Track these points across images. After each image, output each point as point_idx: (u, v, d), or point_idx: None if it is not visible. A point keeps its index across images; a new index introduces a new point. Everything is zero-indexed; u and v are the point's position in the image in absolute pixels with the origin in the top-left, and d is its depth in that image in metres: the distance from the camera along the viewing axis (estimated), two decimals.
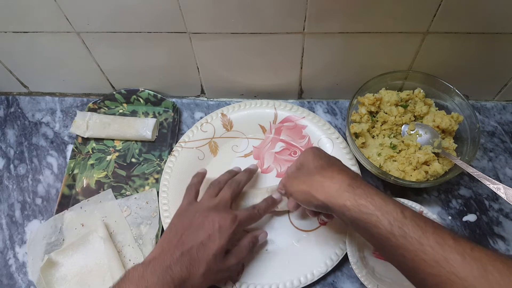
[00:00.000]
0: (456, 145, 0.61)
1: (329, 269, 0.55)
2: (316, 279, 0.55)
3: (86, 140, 0.70)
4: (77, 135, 0.69)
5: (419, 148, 0.60)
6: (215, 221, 0.49)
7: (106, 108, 0.74)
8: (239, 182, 0.57)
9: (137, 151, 0.69)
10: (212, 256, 0.48)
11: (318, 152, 0.51)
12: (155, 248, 0.49)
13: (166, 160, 0.65)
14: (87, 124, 0.69)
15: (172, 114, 0.73)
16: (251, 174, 0.61)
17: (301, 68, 0.66)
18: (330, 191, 0.44)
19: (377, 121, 0.64)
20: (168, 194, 0.62)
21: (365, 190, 0.43)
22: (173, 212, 0.55)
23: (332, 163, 0.50)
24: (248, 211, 0.54)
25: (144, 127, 0.68)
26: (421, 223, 0.39)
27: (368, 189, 0.44)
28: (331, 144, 0.65)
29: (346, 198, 0.43)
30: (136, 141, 0.70)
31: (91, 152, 0.69)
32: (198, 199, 0.56)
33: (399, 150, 0.61)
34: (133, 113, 0.73)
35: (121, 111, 0.74)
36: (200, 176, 0.59)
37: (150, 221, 0.61)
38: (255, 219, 0.55)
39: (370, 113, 0.64)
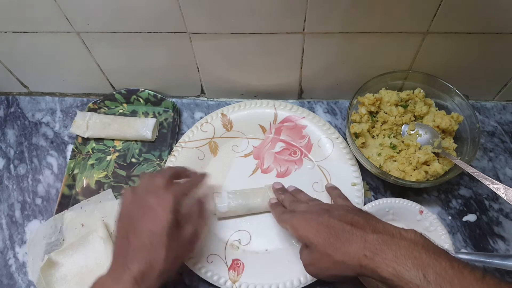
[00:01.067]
0: (456, 145, 0.61)
1: None
2: (315, 279, 0.55)
3: (86, 140, 0.70)
4: (77, 135, 0.69)
5: (419, 148, 0.60)
6: (151, 203, 0.47)
7: (106, 108, 0.74)
8: (174, 169, 0.55)
9: (137, 151, 0.69)
10: (166, 237, 0.45)
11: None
12: (112, 259, 0.47)
13: (166, 160, 0.65)
14: (87, 124, 0.69)
15: (172, 114, 0.73)
16: (192, 173, 0.57)
17: (301, 68, 0.66)
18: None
19: (377, 121, 0.64)
20: None
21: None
22: None
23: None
24: (181, 181, 0.53)
25: (144, 127, 0.68)
26: (447, 286, 0.36)
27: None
28: (331, 144, 0.65)
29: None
30: (136, 141, 0.70)
31: (91, 152, 0.69)
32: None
33: (399, 150, 0.61)
34: (133, 113, 0.73)
35: (121, 111, 0.74)
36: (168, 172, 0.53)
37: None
38: (192, 184, 0.54)
39: (370, 113, 0.64)
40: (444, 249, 0.41)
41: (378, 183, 0.64)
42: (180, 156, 0.65)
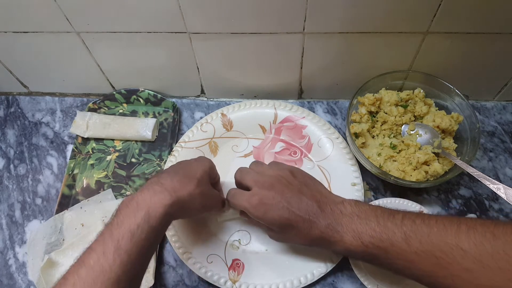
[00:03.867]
0: (456, 145, 0.61)
1: (329, 269, 0.55)
2: (316, 279, 0.55)
3: (86, 140, 0.70)
4: (77, 135, 0.69)
5: (419, 148, 0.60)
6: (194, 162, 0.53)
7: (106, 108, 0.74)
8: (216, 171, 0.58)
9: (137, 151, 0.69)
10: (199, 177, 0.49)
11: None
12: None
13: (166, 160, 0.65)
14: (87, 124, 0.69)
15: (172, 114, 0.73)
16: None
17: (301, 68, 0.66)
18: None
19: (377, 121, 0.64)
20: None
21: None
22: None
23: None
24: None
25: (144, 127, 0.68)
26: (379, 243, 0.44)
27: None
28: (331, 144, 0.65)
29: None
30: (136, 141, 0.70)
31: (91, 152, 0.69)
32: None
33: (399, 150, 0.61)
34: (133, 113, 0.73)
35: (121, 111, 0.74)
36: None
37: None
38: (218, 175, 0.58)
39: (370, 113, 0.64)
40: (376, 206, 0.48)
41: (378, 183, 0.64)
42: (180, 156, 0.65)
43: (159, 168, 0.67)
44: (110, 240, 0.40)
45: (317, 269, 0.56)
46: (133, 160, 0.68)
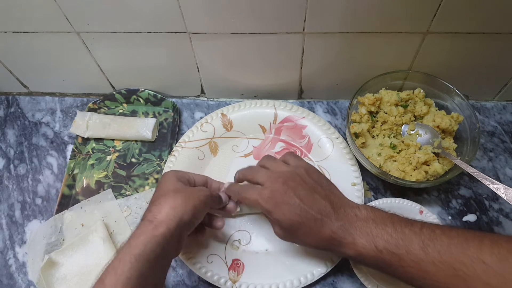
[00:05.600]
0: (456, 145, 0.61)
1: (329, 269, 0.55)
2: (316, 279, 0.55)
3: (86, 140, 0.70)
4: (77, 135, 0.69)
5: (419, 148, 0.60)
6: (161, 181, 0.51)
7: (106, 108, 0.74)
8: (194, 174, 0.56)
9: (137, 151, 0.69)
10: (172, 187, 0.48)
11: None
12: None
13: (166, 160, 0.65)
14: (87, 124, 0.69)
15: (172, 114, 0.73)
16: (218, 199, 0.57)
17: (301, 68, 0.66)
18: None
19: (377, 121, 0.64)
20: None
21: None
22: None
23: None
24: None
25: (144, 127, 0.68)
26: (395, 249, 0.42)
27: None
28: (331, 144, 0.65)
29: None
30: (136, 141, 0.70)
31: (91, 152, 0.69)
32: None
33: (399, 150, 0.61)
34: (133, 113, 0.73)
35: (121, 111, 0.74)
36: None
37: None
38: (200, 177, 0.55)
39: (370, 113, 0.64)
40: (393, 214, 0.46)
41: (378, 183, 0.64)
42: (180, 156, 0.65)
43: (159, 168, 0.67)
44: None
45: (317, 269, 0.55)
46: (133, 160, 0.68)
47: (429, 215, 0.57)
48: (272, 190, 0.48)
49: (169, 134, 0.70)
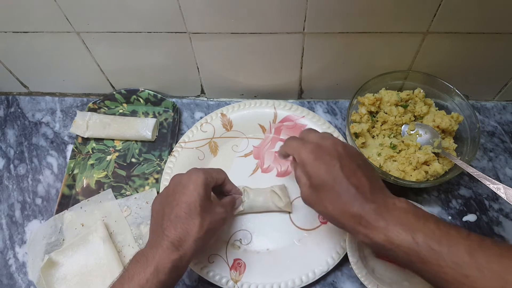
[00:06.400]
0: (456, 145, 0.61)
1: (331, 267, 0.56)
2: (317, 277, 0.55)
3: (86, 140, 0.70)
4: (77, 135, 0.69)
5: (419, 148, 0.60)
6: (183, 181, 0.50)
7: (106, 108, 0.74)
8: (216, 171, 0.56)
9: (137, 151, 0.69)
10: (200, 207, 0.48)
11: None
12: (149, 237, 0.50)
13: (166, 160, 0.65)
14: (87, 124, 0.69)
15: (172, 114, 0.73)
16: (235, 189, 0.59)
17: (301, 68, 0.66)
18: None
19: (377, 121, 0.64)
20: None
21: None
22: None
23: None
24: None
25: (144, 127, 0.68)
26: (435, 246, 0.38)
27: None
28: None
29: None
30: (136, 141, 0.70)
31: (91, 152, 0.69)
32: None
33: (399, 150, 0.62)
34: (133, 113, 0.73)
35: (121, 111, 0.74)
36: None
37: (150, 221, 0.61)
38: (221, 174, 0.56)
39: (370, 113, 0.64)
40: (434, 215, 0.43)
41: None
42: (180, 156, 0.65)
43: (159, 168, 0.67)
44: None
45: (319, 267, 0.56)
46: (133, 160, 0.68)
47: None
48: (318, 145, 0.46)
49: (169, 134, 0.70)
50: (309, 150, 0.46)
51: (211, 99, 0.76)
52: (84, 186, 0.66)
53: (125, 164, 0.68)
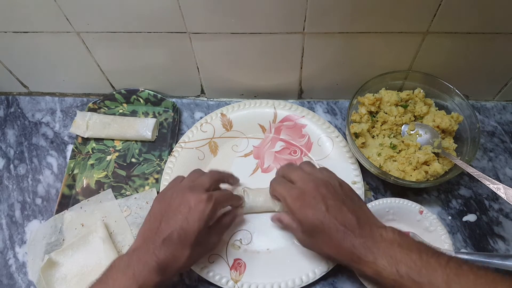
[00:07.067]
0: (456, 145, 0.61)
1: (331, 267, 0.56)
2: (318, 277, 0.55)
3: (86, 140, 0.70)
4: (77, 135, 0.69)
5: (419, 148, 0.60)
6: (191, 202, 0.49)
7: (106, 108, 0.74)
8: (221, 174, 0.58)
9: (137, 151, 0.69)
10: (194, 239, 0.48)
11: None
12: (137, 238, 0.50)
13: (166, 160, 0.65)
14: (87, 124, 0.69)
15: (172, 114, 0.73)
16: (235, 180, 0.61)
17: (301, 68, 0.66)
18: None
19: (377, 121, 0.64)
20: None
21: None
22: None
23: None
24: (223, 191, 0.56)
25: (144, 127, 0.68)
26: (416, 277, 0.41)
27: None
28: (331, 143, 0.66)
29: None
30: (136, 141, 0.70)
31: (91, 152, 0.69)
32: None
33: (399, 150, 0.62)
34: (133, 113, 0.73)
35: (121, 111, 0.74)
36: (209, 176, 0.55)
37: (145, 219, 0.61)
38: (231, 199, 0.56)
39: (370, 113, 0.64)
40: (420, 242, 0.45)
41: (378, 183, 0.64)
42: (180, 156, 0.65)
43: (159, 168, 0.67)
44: None
45: (319, 267, 0.55)
46: (133, 160, 0.68)
47: (429, 215, 0.57)
48: (302, 191, 0.50)
49: (169, 134, 0.70)
50: (295, 197, 0.50)
51: (211, 99, 0.76)
52: (84, 186, 0.66)
53: (125, 164, 0.68)
